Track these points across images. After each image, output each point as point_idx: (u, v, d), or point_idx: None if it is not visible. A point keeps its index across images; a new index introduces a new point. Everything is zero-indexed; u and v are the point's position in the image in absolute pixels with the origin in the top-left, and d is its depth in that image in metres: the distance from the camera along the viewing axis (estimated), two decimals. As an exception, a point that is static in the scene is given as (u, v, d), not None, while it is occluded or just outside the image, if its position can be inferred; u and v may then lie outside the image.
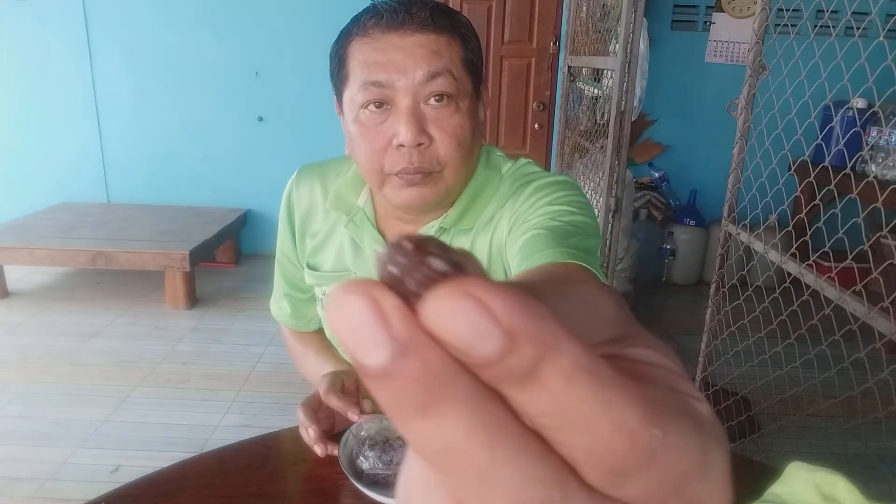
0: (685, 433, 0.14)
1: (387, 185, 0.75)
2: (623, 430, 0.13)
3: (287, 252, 0.96)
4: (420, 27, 0.70)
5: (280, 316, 1.03)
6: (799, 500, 0.69)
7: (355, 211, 0.85)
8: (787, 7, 1.41)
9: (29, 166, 3.90)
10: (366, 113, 0.72)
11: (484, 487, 0.13)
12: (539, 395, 0.13)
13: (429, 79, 0.70)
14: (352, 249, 0.86)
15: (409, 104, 0.70)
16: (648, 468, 0.13)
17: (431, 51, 0.70)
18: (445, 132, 0.72)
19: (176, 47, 3.71)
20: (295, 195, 0.92)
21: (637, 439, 0.13)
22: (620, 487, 0.13)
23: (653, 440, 0.13)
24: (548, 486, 0.13)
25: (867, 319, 1.06)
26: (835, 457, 1.12)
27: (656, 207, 3.62)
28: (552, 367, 0.13)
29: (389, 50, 0.70)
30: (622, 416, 0.13)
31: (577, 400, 0.13)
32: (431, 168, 0.73)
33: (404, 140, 0.70)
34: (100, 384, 2.42)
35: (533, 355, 0.12)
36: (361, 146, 0.74)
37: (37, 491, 1.82)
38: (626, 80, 2.12)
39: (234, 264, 3.87)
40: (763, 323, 1.45)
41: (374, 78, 0.70)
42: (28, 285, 3.42)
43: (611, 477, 0.13)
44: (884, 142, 2.80)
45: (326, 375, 0.80)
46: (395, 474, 0.71)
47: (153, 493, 0.72)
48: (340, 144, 0.81)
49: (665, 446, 0.13)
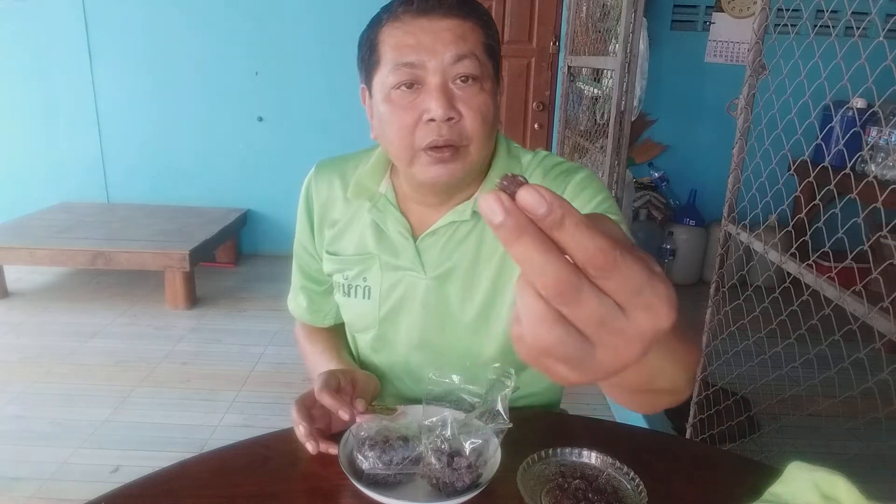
0: (636, 261, 0.28)
1: (416, 162, 0.79)
2: (601, 249, 0.27)
3: (305, 243, 0.99)
4: (447, 13, 0.76)
5: (296, 311, 1.06)
6: (799, 500, 0.69)
7: (377, 197, 0.90)
8: (787, 7, 1.41)
9: (29, 166, 3.90)
10: (397, 93, 0.77)
11: (540, 275, 0.28)
12: (563, 233, 0.27)
13: (456, 60, 0.75)
14: (374, 234, 0.90)
15: (439, 82, 0.75)
16: (616, 272, 0.28)
17: (458, 35, 0.76)
18: (472, 109, 0.77)
19: (176, 47, 3.71)
20: (314, 188, 0.96)
21: (608, 254, 0.27)
22: (605, 280, 0.28)
23: (616, 257, 0.27)
24: (571, 275, 0.28)
25: (867, 319, 1.06)
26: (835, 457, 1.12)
27: (656, 207, 3.62)
28: (569, 219, 0.27)
29: (419, 33, 0.75)
30: (601, 243, 0.27)
31: (580, 235, 0.27)
32: (459, 142, 0.77)
33: (435, 114, 0.74)
34: (100, 384, 2.42)
35: (560, 214, 0.27)
36: (392, 123, 0.78)
37: (37, 491, 1.82)
38: (625, 80, 2.12)
39: (234, 264, 3.87)
40: (763, 323, 1.45)
41: (405, 59, 0.75)
42: (28, 285, 3.42)
43: (597, 273, 0.28)
44: (884, 142, 2.80)
45: (322, 373, 0.80)
46: (395, 474, 0.71)
47: (153, 493, 0.72)
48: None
49: (624, 262, 0.28)
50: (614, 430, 0.97)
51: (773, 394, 1.58)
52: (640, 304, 0.29)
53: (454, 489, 0.69)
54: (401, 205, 0.90)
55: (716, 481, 0.78)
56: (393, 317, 0.92)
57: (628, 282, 0.28)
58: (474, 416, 0.75)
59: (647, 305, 0.29)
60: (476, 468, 0.70)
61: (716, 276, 1.61)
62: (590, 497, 0.68)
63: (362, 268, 0.92)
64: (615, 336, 0.29)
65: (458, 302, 0.89)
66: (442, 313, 0.90)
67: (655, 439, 0.99)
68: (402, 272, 0.90)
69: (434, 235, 0.88)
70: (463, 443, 0.71)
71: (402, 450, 0.72)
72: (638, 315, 0.29)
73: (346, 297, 0.95)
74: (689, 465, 0.82)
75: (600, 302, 0.28)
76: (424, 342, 0.92)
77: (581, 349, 0.29)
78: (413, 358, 0.94)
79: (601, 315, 0.28)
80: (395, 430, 0.76)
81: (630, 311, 0.29)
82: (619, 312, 0.29)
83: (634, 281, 0.28)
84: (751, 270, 3.42)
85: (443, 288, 0.89)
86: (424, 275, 0.89)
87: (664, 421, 2.09)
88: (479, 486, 0.70)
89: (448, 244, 0.88)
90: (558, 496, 0.69)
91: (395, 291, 0.91)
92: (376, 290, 0.91)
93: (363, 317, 0.94)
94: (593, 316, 0.28)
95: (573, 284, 0.28)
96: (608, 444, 0.78)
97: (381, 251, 0.90)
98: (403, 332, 0.92)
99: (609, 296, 0.28)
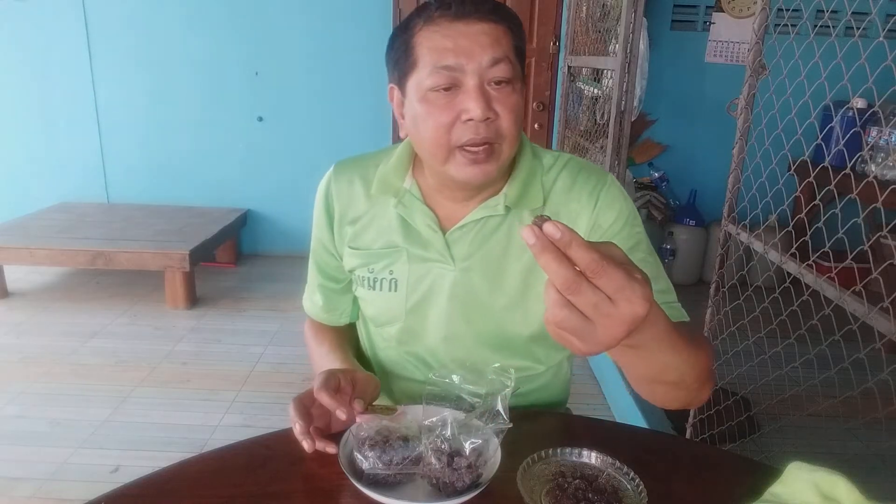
0: (619, 268, 0.45)
1: (451, 161, 0.82)
2: (594, 259, 0.44)
3: (324, 241, 1.00)
4: (483, 17, 0.79)
5: (312, 309, 1.07)
6: (799, 500, 0.69)
7: (402, 193, 0.93)
8: (787, 7, 1.41)
9: (29, 166, 3.90)
10: (434, 94, 0.80)
11: (555, 276, 0.45)
12: (571, 251, 0.45)
13: (492, 64, 0.79)
14: (401, 228, 0.93)
15: (477, 84, 0.78)
16: (604, 274, 0.45)
17: (493, 38, 0.79)
18: (507, 108, 0.80)
19: (176, 47, 3.71)
20: (334, 188, 0.97)
21: (598, 263, 0.44)
22: (597, 280, 0.45)
23: (604, 265, 0.45)
24: (574, 275, 0.45)
25: (867, 319, 1.06)
26: (835, 457, 1.12)
27: (656, 207, 3.61)
28: (574, 242, 0.44)
29: (457, 37, 0.78)
30: (594, 256, 0.44)
31: (581, 252, 0.44)
32: (495, 140, 0.81)
33: (475, 115, 0.78)
34: (100, 384, 2.42)
35: (569, 239, 0.44)
36: (428, 122, 0.81)
37: (37, 491, 1.82)
38: (625, 80, 2.12)
39: (234, 264, 3.87)
40: (763, 323, 1.45)
41: (444, 63, 0.78)
42: (28, 285, 3.42)
43: (592, 275, 0.45)
44: (884, 142, 2.80)
45: (323, 372, 0.80)
46: (395, 474, 0.71)
47: (153, 493, 0.72)
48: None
49: (609, 268, 0.45)
50: (614, 430, 0.97)
51: (773, 394, 1.58)
52: (623, 297, 0.46)
53: (454, 489, 0.69)
54: (426, 199, 0.93)
55: (716, 481, 0.78)
56: (420, 308, 0.94)
57: (613, 281, 0.45)
58: (474, 416, 0.75)
59: (628, 298, 0.46)
60: (476, 468, 0.70)
61: (716, 276, 1.61)
62: (590, 497, 0.68)
63: (389, 261, 0.94)
64: (606, 318, 0.46)
65: (487, 292, 0.91)
66: (469, 304, 0.92)
67: (655, 439, 0.99)
68: (430, 264, 0.92)
69: (463, 229, 0.91)
70: (463, 443, 0.71)
71: (402, 450, 0.72)
72: (622, 304, 0.46)
73: (371, 291, 0.96)
74: (689, 465, 0.82)
75: (594, 293, 0.45)
76: (451, 333, 0.94)
77: (583, 325, 0.47)
78: (439, 349, 0.95)
79: (595, 302, 0.46)
80: (395, 430, 0.76)
81: (616, 302, 0.46)
82: (609, 302, 0.46)
83: (617, 281, 0.45)
84: (751, 270, 3.42)
85: (471, 279, 0.91)
86: (454, 266, 0.91)
87: (664, 421, 2.09)
88: (479, 486, 0.70)
89: (478, 237, 0.91)
90: (558, 496, 0.69)
91: (423, 283, 0.93)
92: (403, 282, 0.93)
93: (389, 310, 0.95)
94: (590, 302, 0.46)
95: (575, 281, 0.45)
96: (608, 444, 0.78)
97: (408, 244, 0.93)
98: (430, 324, 0.94)
99: (601, 290, 0.46)
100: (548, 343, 0.95)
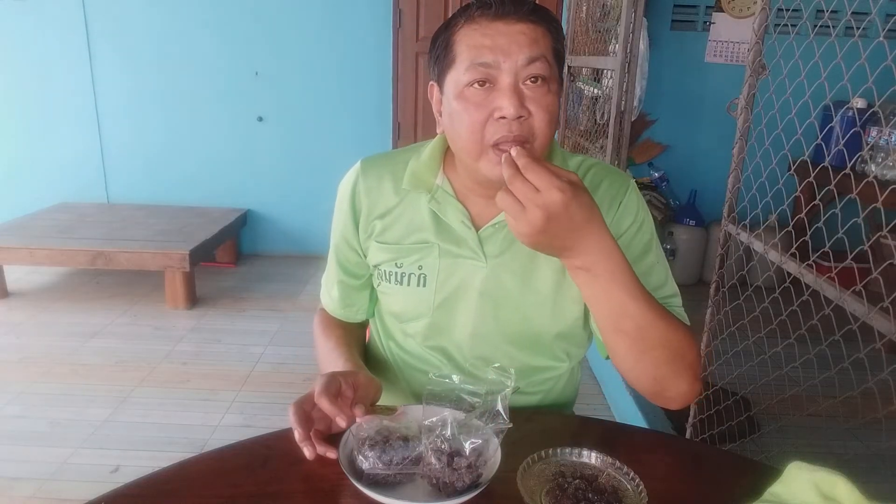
0: (541, 167, 0.69)
1: (483, 158, 0.83)
2: (526, 162, 0.69)
3: (348, 237, 1.01)
4: (522, 17, 0.80)
5: (329, 304, 1.08)
6: (799, 500, 0.69)
7: (435, 189, 0.94)
8: (787, 7, 1.41)
9: (29, 166, 3.90)
10: (469, 90, 0.81)
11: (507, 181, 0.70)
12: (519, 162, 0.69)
13: (528, 62, 0.79)
14: (433, 223, 0.94)
15: (511, 82, 0.80)
16: (531, 170, 0.68)
17: (531, 38, 0.80)
18: (541, 108, 0.81)
19: (176, 47, 3.71)
20: (362, 184, 0.98)
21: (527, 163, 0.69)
22: (527, 173, 0.69)
23: (530, 164, 0.69)
24: (512, 173, 0.69)
25: (867, 319, 1.06)
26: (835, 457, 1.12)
27: (656, 207, 3.62)
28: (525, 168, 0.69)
29: (496, 35, 0.80)
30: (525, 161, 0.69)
31: (521, 160, 0.69)
32: (527, 138, 0.82)
33: (507, 112, 0.79)
34: (100, 384, 2.43)
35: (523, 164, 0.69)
36: (464, 119, 0.82)
37: (37, 491, 1.82)
38: (625, 80, 2.12)
39: (234, 264, 3.87)
40: (763, 323, 1.45)
41: (481, 59, 0.80)
42: (28, 285, 3.42)
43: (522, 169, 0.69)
44: (884, 142, 2.80)
45: (324, 375, 0.80)
46: (395, 474, 0.71)
47: (153, 493, 0.72)
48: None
49: (535, 165, 0.69)
50: (614, 430, 0.97)
51: (773, 394, 1.58)
52: (543, 188, 0.67)
53: (454, 489, 0.69)
54: (458, 196, 0.94)
55: (716, 481, 0.78)
56: (448, 304, 0.95)
57: (538, 177, 0.67)
58: (474, 416, 0.75)
59: (546, 188, 0.67)
60: (476, 468, 0.70)
61: (716, 276, 1.61)
62: (590, 497, 0.68)
63: (420, 255, 0.94)
64: (530, 202, 0.67)
65: (518, 290, 0.93)
66: (499, 301, 0.93)
67: (655, 439, 0.99)
68: (461, 260, 0.93)
69: (496, 226, 0.92)
70: (463, 443, 0.71)
71: (402, 450, 0.72)
72: (542, 193, 0.67)
73: (399, 286, 0.96)
74: (689, 465, 0.82)
75: (523, 184, 0.68)
76: (478, 330, 0.95)
77: (517, 208, 0.68)
78: (464, 344, 0.96)
79: (524, 193, 0.68)
80: (395, 430, 0.76)
81: (540, 191, 0.67)
82: (534, 191, 0.67)
83: (540, 182, 0.67)
84: (751, 270, 3.42)
85: (502, 276, 0.93)
86: (485, 263, 0.92)
87: (664, 421, 2.09)
88: (479, 486, 0.70)
89: (510, 234, 0.92)
90: (558, 496, 0.69)
91: (453, 279, 0.94)
92: (433, 277, 0.94)
93: (417, 305, 0.96)
94: (519, 190, 0.68)
95: (512, 176, 0.68)
96: (608, 444, 0.78)
97: (440, 240, 0.93)
98: (458, 320, 0.95)
99: (530, 183, 0.67)
100: (573, 341, 0.97)
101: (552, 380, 1.00)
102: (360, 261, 1.01)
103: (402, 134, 3.78)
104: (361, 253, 1.01)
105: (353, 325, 1.09)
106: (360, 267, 1.02)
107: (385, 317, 1.05)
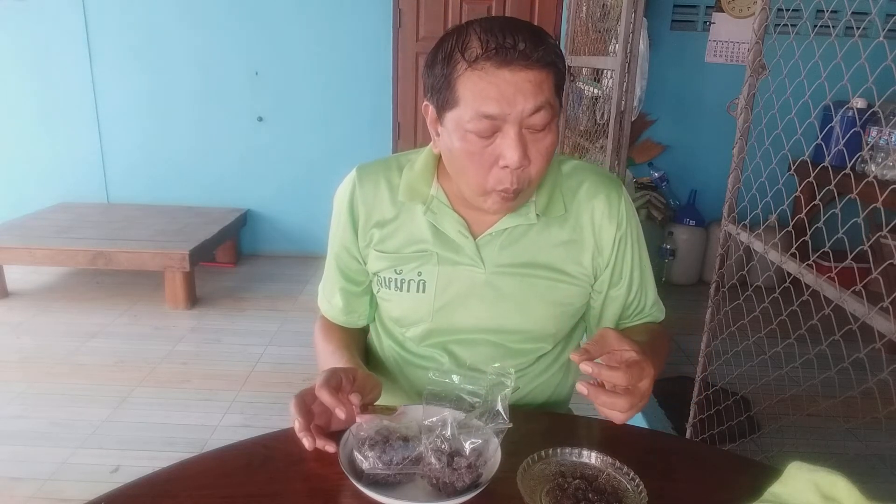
0: (635, 369, 0.72)
1: (487, 198, 0.87)
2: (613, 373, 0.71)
3: (347, 244, 1.01)
4: (528, 65, 0.78)
5: (330, 312, 1.08)
6: (799, 500, 0.69)
7: (430, 199, 0.95)
8: (787, 7, 1.41)
9: (29, 166, 3.90)
10: (473, 137, 0.81)
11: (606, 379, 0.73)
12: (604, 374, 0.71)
13: (534, 111, 0.80)
14: (431, 233, 0.96)
15: (517, 132, 0.80)
16: (626, 373, 0.71)
17: (536, 85, 0.79)
18: (541, 153, 0.83)
19: (176, 47, 3.71)
20: (359, 192, 0.99)
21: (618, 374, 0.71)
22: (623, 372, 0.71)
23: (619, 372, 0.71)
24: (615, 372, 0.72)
25: (867, 319, 1.06)
26: (835, 457, 1.12)
27: (656, 207, 3.62)
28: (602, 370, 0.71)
29: (501, 84, 0.78)
30: (614, 374, 0.71)
31: (606, 373, 0.70)
32: (523, 187, 0.85)
33: (510, 163, 0.80)
34: (100, 384, 2.43)
35: (597, 371, 0.71)
36: (469, 166, 0.84)
37: (37, 491, 1.82)
38: (625, 80, 2.12)
39: (234, 264, 3.87)
40: (763, 323, 1.45)
41: (487, 111, 0.79)
42: (28, 285, 3.42)
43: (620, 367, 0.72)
44: (884, 142, 2.80)
45: (325, 370, 0.80)
46: (395, 474, 0.71)
47: (153, 493, 0.72)
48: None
49: (629, 372, 0.71)
50: (614, 430, 0.97)
51: (773, 394, 1.58)
52: (639, 385, 0.72)
53: (454, 489, 0.69)
54: (453, 205, 0.95)
55: (716, 481, 0.78)
56: (447, 309, 0.96)
57: (619, 380, 0.70)
58: (474, 416, 0.75)
59: (641, 381, 0.72)
60: (476, 468, 0.71)
61: (716, 276, 1.61)
62: (590, 497, 0.68)
63: (419, 263, 0.95)
64: (640, 397, 0.72)
65: (516, 293, 0.94)
66: (497, 306, 0.95)
67: (655, 439, 0.99)
68: (460, 267, 0.94)
69: (494, 234, 0.94)
70: (463, 443, 0.71)
71: (402, 450, 0.72)
72: (639, 387, 0.72)
73: (398, 292, 0.97)
74: (689, 465, 0.82)
75: (629, 399, 0.71)
76: (477, 334, 0.96)
77: (638, 404, 0.72)
78: (464, 349, 0.98)
79: (633, 402, 0.71)
80: (395, 430, 0.76)
81: (637, 386, 0.71)
82: (637, 389, 0.72)
83: (633, 378, 0.71)
84: (751, 270, 3.42)
85: (499, 282, 0.94)
86: (484, 269, 0.94)
87: (664, 421, 2.09)
88: (479, 486, 0.70)
89: (508, 240, 0.94)
90: (558, 496, 0.69)
91: (452, 286, 0.95)
92: (432, 283, 0.95)
93: (416, 310, 0.97)
94: (631, 403, 0.71)
95: (616, 397, 0.71)
96: (608, 444, 0.78)
97: (439, 248, 0.95)
98: (457, 324, 0.96)
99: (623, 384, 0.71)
100: (563, 318, 0.99)
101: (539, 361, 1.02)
102: (360, 268, 1.02)
103: (402, 134, 3.79)
104: (361, 260, 1.01)
105: (354, 330, 1.09)
106: (361, 273, 1.03)
107: (385, 320, 1.06)
